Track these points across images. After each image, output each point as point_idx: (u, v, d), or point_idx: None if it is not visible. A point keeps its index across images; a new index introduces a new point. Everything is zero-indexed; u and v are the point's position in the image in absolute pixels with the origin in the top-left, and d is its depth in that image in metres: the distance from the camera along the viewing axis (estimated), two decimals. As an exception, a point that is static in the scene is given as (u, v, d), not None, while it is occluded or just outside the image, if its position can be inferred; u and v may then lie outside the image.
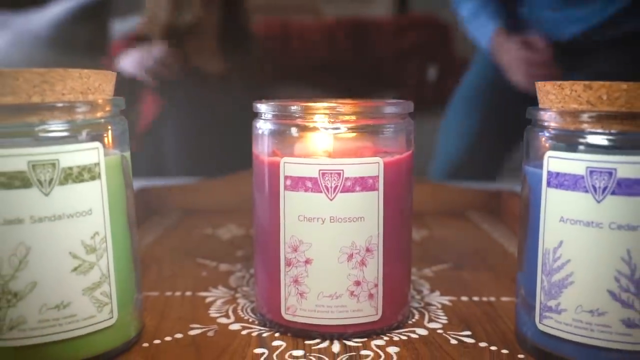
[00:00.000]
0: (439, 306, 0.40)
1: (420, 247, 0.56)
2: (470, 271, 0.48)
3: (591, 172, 0.29)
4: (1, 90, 0.28)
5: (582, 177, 0.30)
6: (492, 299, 0.42)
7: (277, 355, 0.33)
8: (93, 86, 0.31)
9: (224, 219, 0.66)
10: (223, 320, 0.38)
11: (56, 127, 0.29)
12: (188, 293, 0.43)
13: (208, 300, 0.41)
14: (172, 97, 1.19)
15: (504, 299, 0.42)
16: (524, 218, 0.34)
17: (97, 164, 0.30)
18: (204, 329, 0.36)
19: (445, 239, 0.59)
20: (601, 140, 0.30)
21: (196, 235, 0.59)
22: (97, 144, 0.30)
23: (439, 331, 0.36)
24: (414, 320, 0.38)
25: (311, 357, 0.32)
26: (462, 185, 0.78)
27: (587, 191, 0.30)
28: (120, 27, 1.76)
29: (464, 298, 0.42)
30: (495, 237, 0.59)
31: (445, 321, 0.38)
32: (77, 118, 0.30)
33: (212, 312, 0.39)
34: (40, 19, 1.71)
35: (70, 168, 0.29)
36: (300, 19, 1.79)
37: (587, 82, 0.30)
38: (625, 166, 0.29)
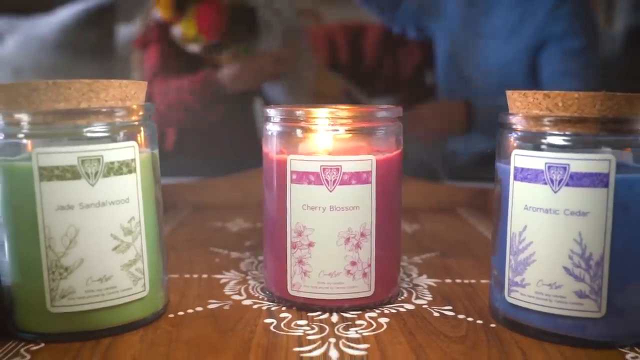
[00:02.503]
0: (425, 287, 0.46)
1: (411, 238, 0.61)
2: (456, 259, 0.54)
3: (549, 167, 0.35)
4: (56, 97, 0.34)
5: (542, 171, 0.35)
6: (473, 281, 0.47)
7: (284, 324, 0.38)
8: (130, 94, 0.36)
9: (232, 214, 0.72)
10: (236, 297, 0.43)
11: (100, 128, 0.35)
12: (204, 275, 0.48)
13: (222, 281, 0.47)
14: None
15: (482, 281, 0.47)
16: (496, 208, 0.40)
17: (134, 160, 0.36)
18: (220, 304, 0.42)
19: (435, 232, 0.64)
20: (558, 140, 0.35)
21: (207, 228, 0.65)
22: (133, 142, 0.36)
23: (424, 306, 0.42)
24: (402, 297, 0.43)
25: (313, 326, 0.38)
26: (453, 184, 0.84)
27: (545, 183, 0.35)
28: (126, 31, 1.81)
29: (448, 280, 0.48)
30: (481, 230, 0.65)
31: (430, 298, 0.43)
32: (117, 121, 0.36)
33: (227, 291, 0.45)
34: (47, 24, 1.77)
35: (112, 163, 0.35)
36: (300, 23, 1.85)
37: (546, 92, 0.35)
38: (577, 162, 0.34)
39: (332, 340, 0.36)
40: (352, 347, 0.35)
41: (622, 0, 2.39)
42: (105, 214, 0.35)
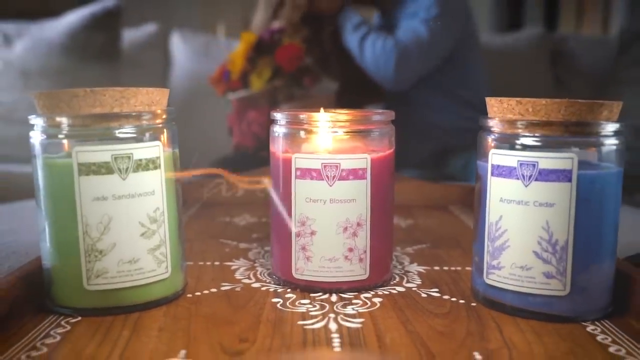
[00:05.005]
0: (416, 273, 0.51)
1: (405, 232, 0.67)
2: (445, 249, 0.59)
3: (521, 164, 0.40)
4: (92, 103, 0.39)
5: (515, 168, 0.40)
6: (459, 268, 0.53)
7: (289, 303, 0.43)
8: (155, 100, 0.42)
9: (238, 209, 0.77)
10: (246, 281, 0.48)
11: (130, 130, 0.40)
12: (216, 263, 0.53)
13: (233, 267, 0.52)
14: None
15: (467, 268, 0.52)
16: (477, 201, 0.45)
17: (158, 157, 0.41)
18: (232, 286, 0.47)
19: (427, 226, 0.69)
20: (528, 141, 0.40)
21: (217, 222, 0.70)
22: (157, 142, 0.41)
23: (414, 289, 0.47)
24: (395, 281, 0.49)
25: (315, 304, 0.43)
26: (447, 183, 0.89)
27: (518, 178, 0.40)
28: (130, 35, 1.87)
29: (436, 268, 0.53)
30: (470, 224, 0.70)
31: (419, 282, 0.49)
32: (144, 123, 0.41)
33: (237, 275, 0.50)
34: (54, 28, 1.82)
35: (140, 160, 0.40)
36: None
37: (518, 99, 0.40)
38: (545, 160, 0.39)
39: (332, 315, 0.41)
40: (349, 321, 0.40)
41: (619, 4, 2.42)
42: (134, 205, 0.40)
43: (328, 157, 0.44)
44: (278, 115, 0.47)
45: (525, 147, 0.41)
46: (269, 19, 1.31)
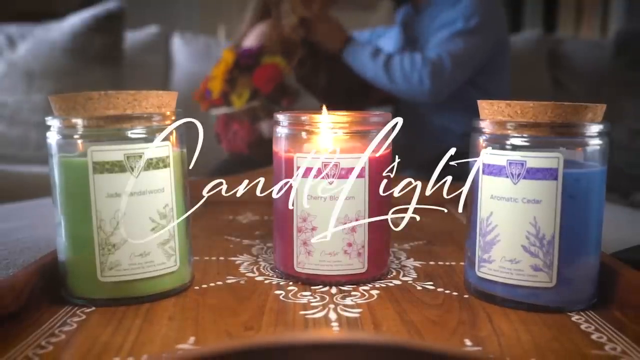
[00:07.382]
0: (412, 267, 0.54)
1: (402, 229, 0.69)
2: (440, 246, 0.61)
3: (510, 163, 0.43)
4: (107, 105, 0.41)
5: (504, 167, 0.43)
6: (453, 263, 0.55)
7: (291, 295, 0.46)
8: (165, 102, 0.44)
9: (241, 208, 0.79)
10: (250, 275, 0.51)
11: (141, 130, 0.43)
12: (221, 258, 0.56)
13: (237, 262, 0.54)
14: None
15: (461, 263, 0.55)
16: (470, 198, 0.47)
17: (168, 157, 0.44)
18: (237, 279, 0.49)
19: (424, 224, 0.72)
20: (517, 141, 0.43)
21: (221, 220, 0.73)
22: (167, 142, 0.44)
23: (410, 282, 0.49)
24: (392, 275, 0.51)
25: (316, 296, 0.46)
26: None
27: (507, 176, 0.43)
28: (132, 37, 1.89)
29: (432, 262, 0.55)
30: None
31: (415, 276, 0.51)
32: (154, 124, 0.43)
33: (241, 270, 0.52)
34: (58, 30, 1.84)
35: (151, 159, 0.43)
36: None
37: (508, 102, 0.43)
38: (532, 159, 0.42)
39: (332, 306, 0.43)
40: (348, 311, 0.42)
41: (617, 7, 2.44)
42: (145, 201, 0.42)
43: (328, 156, 0.46)
44: (281, 117, 0.49)
45: (514, 147, 0.43)
46: (255, 20, 1.33)
